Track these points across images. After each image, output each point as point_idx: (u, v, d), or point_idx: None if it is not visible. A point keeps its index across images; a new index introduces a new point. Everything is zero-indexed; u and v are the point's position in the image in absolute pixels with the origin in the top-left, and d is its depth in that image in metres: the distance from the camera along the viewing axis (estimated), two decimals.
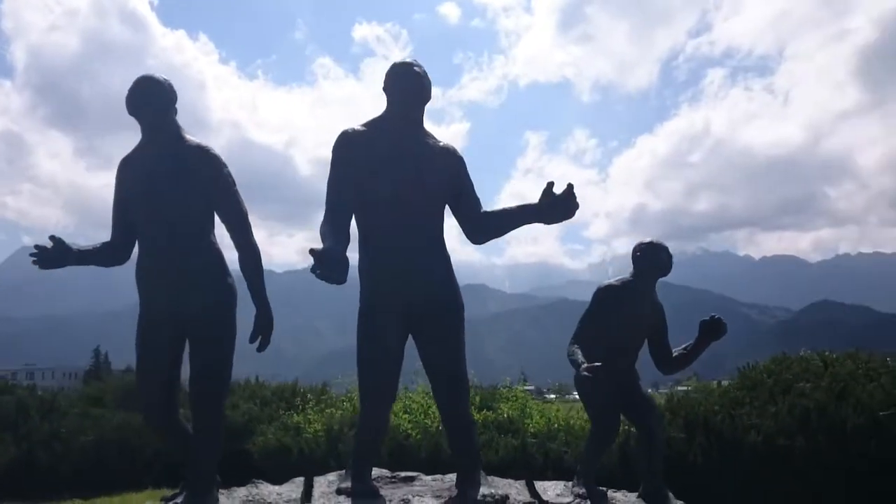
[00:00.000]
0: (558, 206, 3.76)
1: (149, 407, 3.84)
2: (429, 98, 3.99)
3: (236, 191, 3.82)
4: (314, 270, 3.30)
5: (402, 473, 4.59)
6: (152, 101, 3.73)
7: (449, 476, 4.52)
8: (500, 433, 8.61)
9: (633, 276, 4.36)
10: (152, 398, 3.80)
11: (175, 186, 3.65)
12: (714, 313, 4.37)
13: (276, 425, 9.37)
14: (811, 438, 5.98)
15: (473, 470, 3.98)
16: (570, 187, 3.73)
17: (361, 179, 3.81)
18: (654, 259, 4.31)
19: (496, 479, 4.35)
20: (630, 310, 4.28)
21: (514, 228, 4.04)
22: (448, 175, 3.99)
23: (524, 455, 8.06)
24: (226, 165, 3.80)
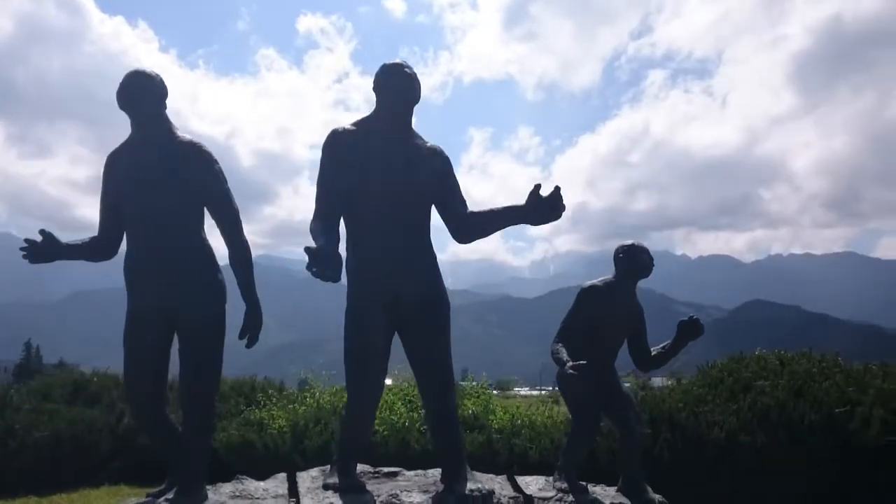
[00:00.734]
0: (545, 208, 3.83)
1: (137, 402, 3.81)
2: (418, 100, 4.02)
3: (228, 188, 3.82)
4: (310, 268, 3.31)
5: (384, 469, 4.61)
6: (144, 96, 3.69)
7: (431, 471, 4.56)
8: (466, 429, 8.69)
9: (615, 276, 4.47)
10: (140, 393, 3.78)
11: (167, 182, 3.63)
12: (692, 314, 4.52)
13: (238, 421, 9.24)
14: (772, 434, 6.22)
15: (459, 465, 4.03)
16: (557, 190, 3.81)
17: (351, 178, 3.83)
18: (635, 261, 4.43)
19: (479, 474, 4.41)
20: (612, 310, 4.39)
21: (501, 228, 4.11)
22: (436, 176, 4.04)
23: (490, 451, 8.15)
24: (217, 162, 3.79)
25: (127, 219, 3.75)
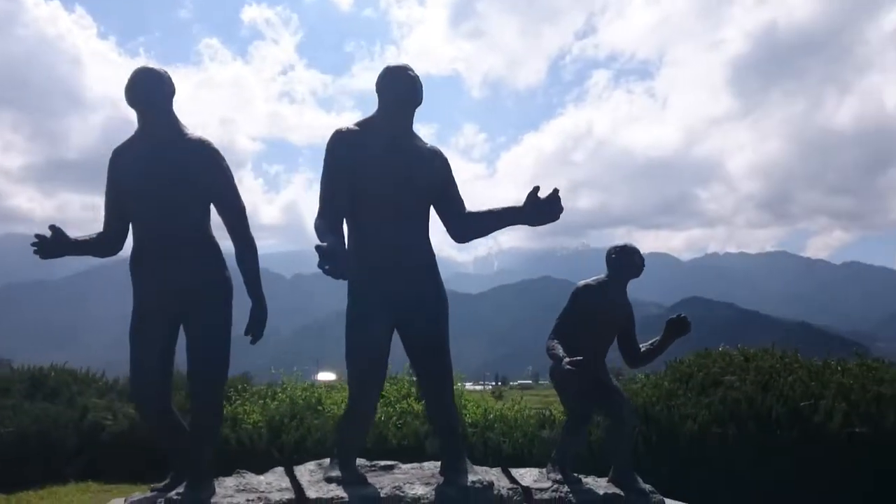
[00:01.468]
0: (543, 210, 3.95)
1: (142, 397, 3.80)
2: (420, 102, 4.09)
3: (235, 185, 3.85)
4: (322, 266, 3.36)
5: (380, 462, 4.66)
6: (152, 93, 3.69)
7: (427, 464, 4.64)
8: None
9: (608, 276, 4.62)
10: (146, 389, 3.78)
11: (175, 178, 3.63)
12: (681, 312, 4.70)
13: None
14: (742, 426, 6.50)
15: (460, 458, 4.13)
16: (556, 192, 3.94)
17: (354, 178, 3.89)
18: (627, 262, 4.59)
19: (476, 466, 4.52)
20: (604, 308, 4.54)
21: (499, 229, 4.22)
22: (436, 176, 4.13)
23: (465, 445, 8.27)
24: (224, 159, 3.81)
25: (134, 214, 3.75)
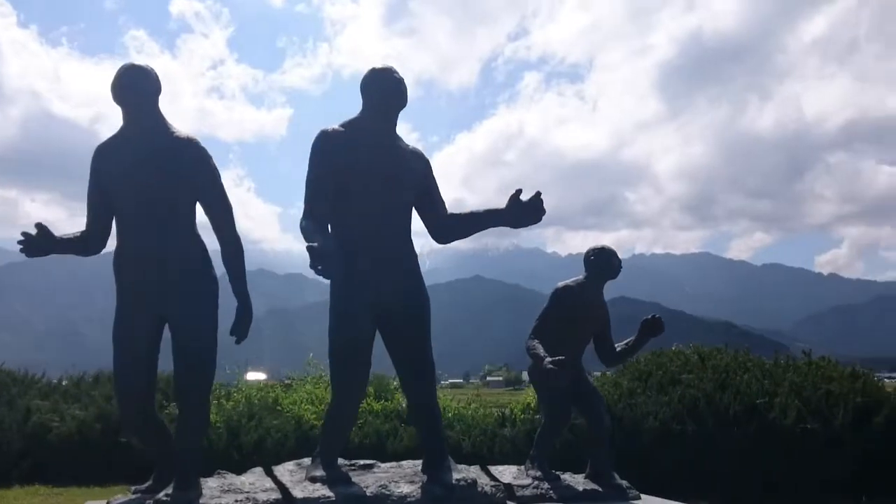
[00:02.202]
0: (526, 212, 4.01)
1: (126, 397, 3.71)
2: (406, 104, 4.11)
3: (222, 184, 3.81)
4: (314, 266, 3.35)
5: (360, 462, 4.63)
6: (139, 90, 3.62)
7: (405, 462, 4.64)
8: (401, 423, 8.80)
9: (586, 278, 4.72)
10: (130, 389, 3.69)
11: (162, 177, 3.57)
12: (655, 313, 4.82)
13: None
14: (701, 423, 6.71)
15: (444, 456, 4.14)
16: (538, 194, 4.01)
17: (339, 178, 3.89)
18: (605, 263, 4.69)
19: (458, 464, 4.54)
20: (583, 308, 4.63)
21: (480, 230, 4.27)
22: (420, 177, 4.16)
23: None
24: (212, 158, 3.76)
25: (118, 213, 3.67)
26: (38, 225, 3.55)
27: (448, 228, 4.23)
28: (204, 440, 3.69)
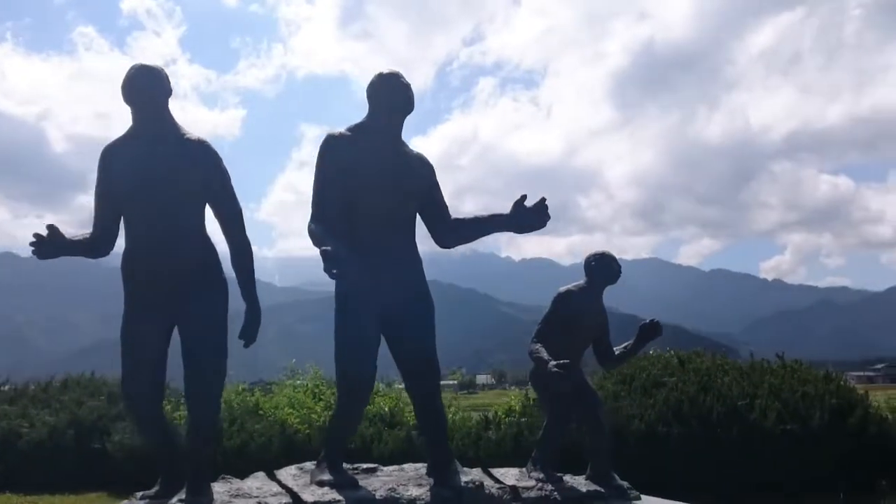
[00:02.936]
0: (530, 218, 4.06)
1: (134, 401, 3.64)
2: (412, 109, 4.13)
3: (232, 187, 3.78)
4: (328, 270, 3.35)
5: (362, 465, 4.61)
6: (150, 91, 3.58)
7: (407, 465, 4.62)
8: (385, 426, 8.78)
9: (587, 283, 4.79)
10: (138, 393, 3.63)
11: (173, 180, 3.53)
12: (653, 317, 4.92)
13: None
14: (686, 425, 6.85)
15: (450, 458, 4.16)
16: (543, 201, 4.06)
17: (346, 182, 3.89)
18: (606, 269, 4.76)
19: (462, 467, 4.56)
20: (584, 313, 4.70)
21: (484, 235, 4.31)
22: (424, 182, 4.17)
23: (411, 446, 8.28)
24: (222, 160, 3.74)
25: (127, 215, 3.61)
26: (50, 226, 3.49)
27: (453, 233, 4.25)
28: (214, 443, 3.64)
